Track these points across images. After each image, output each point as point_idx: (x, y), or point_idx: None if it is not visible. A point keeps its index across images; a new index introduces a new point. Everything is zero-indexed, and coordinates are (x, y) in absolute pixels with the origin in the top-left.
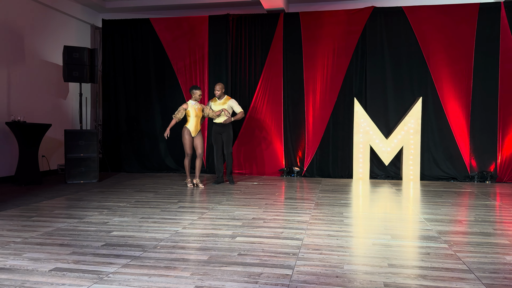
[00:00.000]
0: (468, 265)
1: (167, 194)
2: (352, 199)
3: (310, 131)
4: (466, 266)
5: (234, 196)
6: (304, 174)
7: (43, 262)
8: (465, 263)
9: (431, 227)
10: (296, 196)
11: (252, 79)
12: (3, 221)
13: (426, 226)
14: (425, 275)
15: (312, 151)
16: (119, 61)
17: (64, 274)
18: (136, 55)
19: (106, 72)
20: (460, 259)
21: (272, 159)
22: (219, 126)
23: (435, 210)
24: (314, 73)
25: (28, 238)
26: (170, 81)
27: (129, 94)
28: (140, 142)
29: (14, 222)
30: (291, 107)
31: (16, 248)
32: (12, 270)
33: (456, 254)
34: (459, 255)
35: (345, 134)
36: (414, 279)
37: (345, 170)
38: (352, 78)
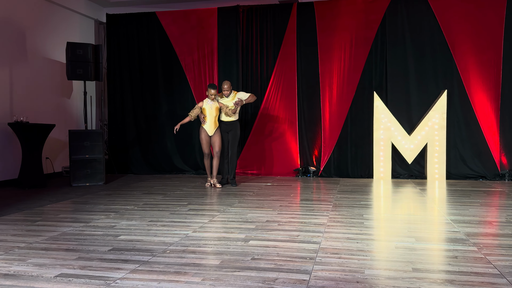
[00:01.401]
0: (500, 269)
1: (176, 196)
2: (372, 200)
3: (326, 128)
4: (497, 270)
5: (247, 198)
6: (321, 174)
7: (48, 267)
8: (496, 267)
9: (458, 229)
10: (312, 198)
11: (264, 74)
12: (7, 226)
13: (453, 228)
14: (453, 280)
15: (329, 149)
16: (125, 58)
17: (70, 280)
18: (142, 51)
19: (111, 69)
20: (491, 263)
21: (286, 158)
22: (226, 124)
23: (462, 211)
24: (330, 66)
25: (33, 243)
26: (178, 78)
27: (136, 92)
28: (148, 142)
29: (18, 227)
30: (306, 102)
31: (21, 254)
32: (16, 276)
33: (486, 258)
34: (489, 259)
35: (365, 131)
36: (440, 284)
37: (365, 169)
38: (371, 71)
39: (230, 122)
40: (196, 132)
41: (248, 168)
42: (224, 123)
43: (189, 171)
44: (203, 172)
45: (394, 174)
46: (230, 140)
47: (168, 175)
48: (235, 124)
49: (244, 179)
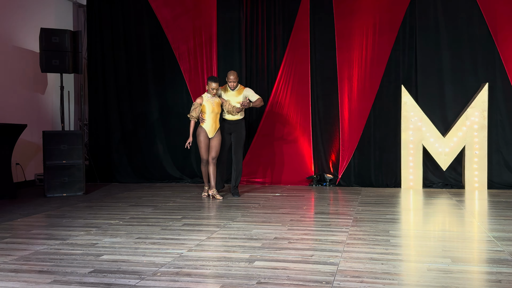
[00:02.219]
0: None
1: (169, 208)
2: (400, 213)
3: (345, 128)
4: None
5: (251, 211)
6: (339, 183)
7: None
8: None
9: (502, 248)
10: (329, 210)
11: (272, 66)
12: None
13: (496, 246)
14: None
15: (348, 153)
16: (108, 46)
17: None
18: (129, 38)
19: (93, 60)
20: None
21: (298, 164)
22: (229, 123)
23: (507, 227)
24: (349, 56)
25: (1, 264)
26: (170, 70)
27: (121, 87)
28: (135, 145)
29: None
30: (321, 99)
31: None
32: None
33: None
34: None
35: (391, 132)
36: None
37: (391, 177)
38: (398, 61)
39: (234, 121)
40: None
41: (253, 175)
42: (227, 122)
43: (184, 179)
44: (200, 180)
45: (425, 183)
46: (234, 143)
47: (159, 184)
48: (239, 124)
49: (248, 189)
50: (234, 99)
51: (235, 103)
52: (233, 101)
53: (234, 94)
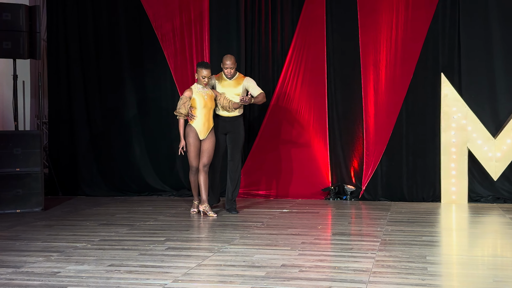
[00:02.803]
0: None
1: (149, 228)
2: (440, 234)
3: (371, 127)
4: None
5: (253, 231)
6: (363, 196)
7: None
8: None
9: None
10: (350, 231)
11: (278, 49)
12: None
13: None
14: None
15: (374, 159)
16: (73, 26)
17: None
18: (99, 16)
19: (54, 42)
20: None
21: (310, 172)
22: (224, 121)
23: None
24: (376, 37)
25: None
26: (151, 54)
27: (90, 76)
28: (107, 150)
29: None
30: (340, 90)
31: None
32: None
33: None
34: None
35: (428, 131)
36: None
37: (429, 188)
38: (437, 43)
39: (230, 118)
40: (178, 134)
41: (254, 187)
42: (221, 119)
43: (168, 191)
44: (189, 192)
45: (472, 196)
46: (230, 146)
47: (137, 198)
48: (237, 122)
49: (249, 203)
50: (231, 91)
51: (233, 95)
52: (230, 94)
53: (232, 84)
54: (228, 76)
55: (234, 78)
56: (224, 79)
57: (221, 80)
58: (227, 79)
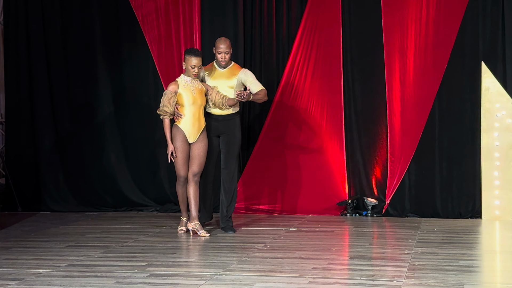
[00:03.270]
0: None
1: (128, 251)
2: (481, 258)
3: (396, 128)
4: None
5: (253, 255)
6: (387, 211)
7: None
8: None
9: None
10: (371, 254)
11: (284, 33)
12: None
13: None
14: None
15: (401, 166)
16: (36, 6)
17: None
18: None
19: (13, 26)
20: None
21: (323, 183)
22: (216, 121)
23: None
24: (402, 17)
25: None
26: (130, 39)
27: (55, 66)
28: (77, 156)
29: None
30: (359, 83)
31: None
32: None
33: None
34: None
35: (466, 133)
36: None
37: (467, 202)
38: (476, 24)
39: (223, 117)
40: (162, 136)
41: (255, 200)
42: (213, 118)
43: (151, 205)
44: (176, 207)
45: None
46: (224, 151)
47: (113, 214)
48: (232, 122)
49: (248, 220)
50: (223, 83)
51: (225, 88)
52: (222, 87)
53: (225, 75)
54: (222, 63)
55: (228, 67)
56: (215, 69)
57: (213, 71)
58: (220, 68)
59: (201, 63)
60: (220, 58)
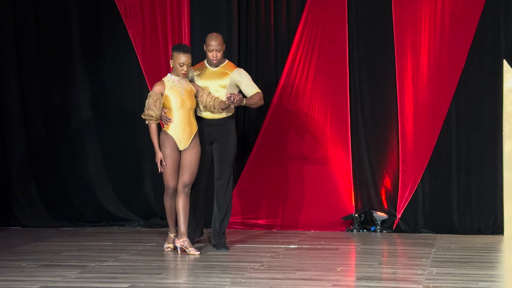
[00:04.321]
0: None
1: (108, 270)
2: (503, 279)
3: (408, 134)
4: None
5: (249, 275)
6: (398, 227)
7: None
8: None
9: None
10: (380, 274)
11: (284, 27)
12: None
13: None
14: None
15: (414, 177)
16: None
17: None
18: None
19: None
20: None
21: (327, 195)
22: (209, 126)
23: None
24: (415, 11)
25: None
26: (111, 34)
27: (27, 63)
28: (51, 165)
29: None
30: (366, 84)
31: None
32: None
33: None
34: None
35: (486, 139)
36: None
37: (487, 216)
38: (497, 20)
39: (216, 121)
40: (148, 143)
41: (252, 214)
42: (205, 123)
43: (134, 220)
44: (162, 222)
45: None
46: (217, 160)
47: (92, 229)
48: (226, 127)
49: (244, 237)
50: (214, 83)
51: (217, 88)
52: (214, 87)
53: (216, 75)
54: (214, 62)
55: (221, 66)
56: (206, 68)
57: (203, 70)
58: (211, 67)
59: (190, 61)
60: (211, 56)
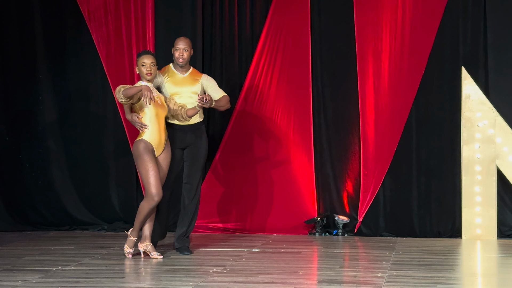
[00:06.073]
0: None
1: (70, 275)
2: (461, 281)
3: (370, 139)
4: None
5: (212, 278)
6: (360, 230)
7: None
8: None
9: None
10: (342, 277)
11: (248, 33)
12: None
13: None
14: None
15: (375, 180)
16: None
17: None
18: None
19: None
20: None
21: (290, 199)
22: (183, 131)
23: None
24: (377, 19)
25: None
26: (75, 37)
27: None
28: (13, 168)
29: None
30: (329, 89)
31: None
32: None
33: None
34: None
35: (445, 144)
36: None
37: (446, 220)
38: (456, 27)
39: (191, 127)
40: (112, 146)
41: (214, 218)
42: (179, 129)
43: (97, 224)
44: (126, 226)
45: (503, 230)
46: (188, 164)
47: (55, 233)
48: (200, 131)
49: (207, 240)
50: (187, 89)
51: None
52: (187, 93)
53: (188, 81)
54: (180, 61)
55: (188, 73)
56: (173, 73)
57: (172, 75)
58: (180, 73)
59: (152, 61)
60: (178, 54)
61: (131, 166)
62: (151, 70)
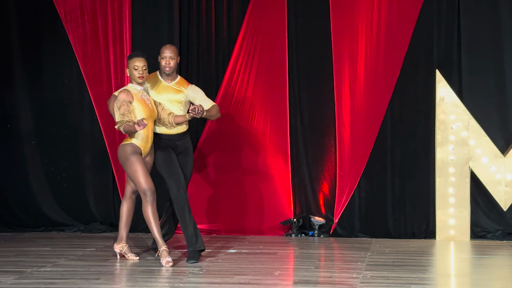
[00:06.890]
0: None
1: (46, 276)
2: (434, 282)
3: (346, 140)
4: None
5: (187, 279)
6: (335, 231)
7: None
8: None
9: None
10: (317, 278)
11: (225, 35)
12: None
13: None
14: None
15: (350, 182)
16: None
17: None
18: None
19: None
20: None
21: (266, 200)
22: (172, 140)
23: None
24: (352, 21)
25: None
26: (51, 39)
27: None
28: None
29: None
30: (305, 92)
31: None
32: None
33: None
34: None
35: (419, 146)
36: None
37: (420, 221)
38: (431, 30)
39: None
40: (87, 147)
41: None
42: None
43: (73, 225)
44: (102, 227)
45: (476, 231)
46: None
47: (30, 235)
48: (188, 141)
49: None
50: (172, 97)
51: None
52: (170, 101)
53: (172, 90)
54: (166, 70)
55: (175, 82)
56: (160, 81)
57: (157, 83)
58: (165, 81)
59: (144, 65)
60: (164, 63)
61: (108, 167)
62: (143, 73)
